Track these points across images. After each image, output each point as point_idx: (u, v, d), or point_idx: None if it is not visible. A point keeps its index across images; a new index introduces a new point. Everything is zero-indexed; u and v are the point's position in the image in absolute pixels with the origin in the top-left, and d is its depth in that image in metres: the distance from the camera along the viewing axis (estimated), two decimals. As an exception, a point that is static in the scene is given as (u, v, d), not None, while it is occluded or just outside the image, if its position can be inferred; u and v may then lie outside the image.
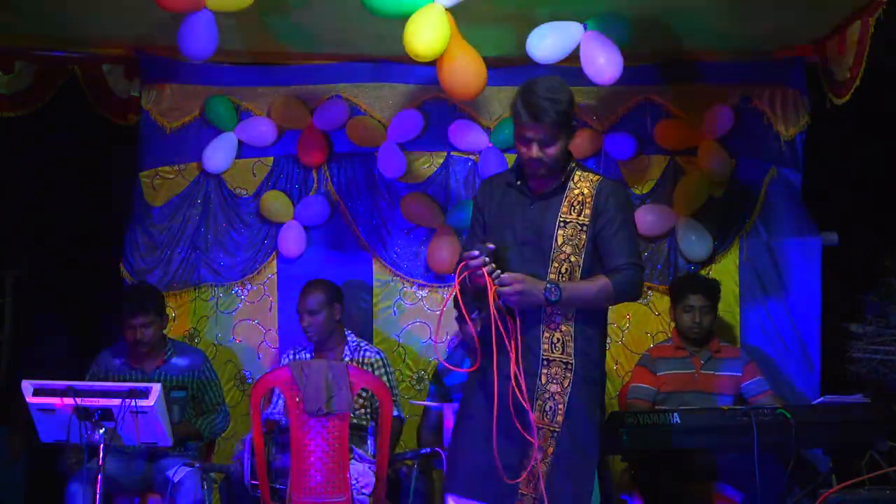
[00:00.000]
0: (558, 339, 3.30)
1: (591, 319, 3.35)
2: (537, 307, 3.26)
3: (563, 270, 3.28)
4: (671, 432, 4.01)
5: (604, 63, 4.51)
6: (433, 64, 4.88)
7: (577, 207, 3.32)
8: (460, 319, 3.75)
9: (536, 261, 3.29)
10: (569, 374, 3.29)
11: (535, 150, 3.28)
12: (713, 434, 4.06)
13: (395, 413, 4.54)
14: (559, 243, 3.29)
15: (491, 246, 3.17)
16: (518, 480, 3.25)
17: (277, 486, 4.11)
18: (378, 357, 4.77)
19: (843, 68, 4.71)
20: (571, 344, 3.30)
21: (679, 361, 4.76)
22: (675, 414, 4.06)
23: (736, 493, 4.41)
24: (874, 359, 5.25)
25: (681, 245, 5.36)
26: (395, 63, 5.35)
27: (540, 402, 3.28)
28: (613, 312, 5.40)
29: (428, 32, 4.04)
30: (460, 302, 3.22)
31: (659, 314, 5.40)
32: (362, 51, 5.30)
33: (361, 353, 4.77)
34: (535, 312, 3.28)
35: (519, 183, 3.39)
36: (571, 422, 3.29)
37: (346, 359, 4.73)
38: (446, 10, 4.08)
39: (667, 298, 5.29)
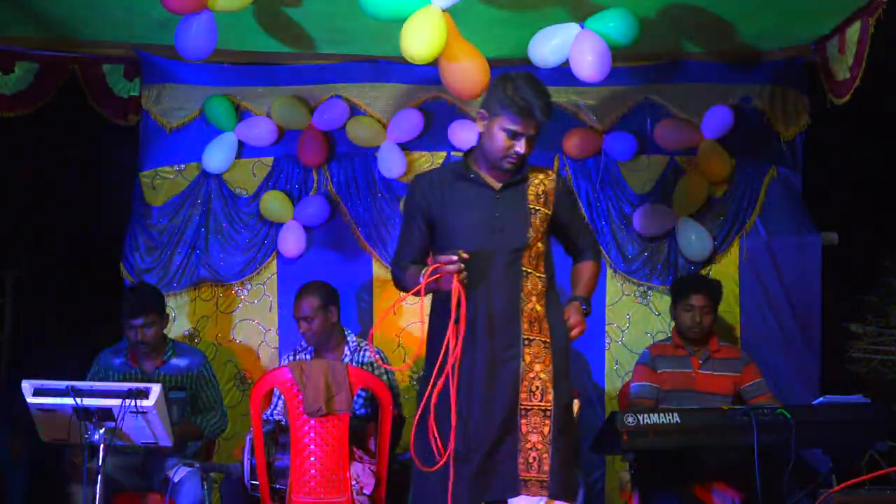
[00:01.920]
0: (535, 319, 3.39)
1: (554, 293, 3.48)
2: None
3: (533, 255, 3.40)
4: (671, 432, 4.01)
5: (591, 62, 4.49)
6: (434, 64, 4.90)
7: (542, 198, 3.45)
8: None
9: (510, 248, 3.37)
10: (548, 352, 3.39)
11: (522, 146, 3.33)
12: (713, 434, 4.06)
13: (396, 412, 4.55)
14: (531, 230, 3.39)
15: (465, 255, 3.20)
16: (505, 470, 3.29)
17: (277, 486, 4.11)
18: (378, 357, 4.77)
19: (843, 68, 4.71)
20: (546, 322, 3.40)
21: (678, 360, 4.76)
22: (675, 414, 4.06)
23: (736, 493, 4.41)
24: (874, 359, 5.26)
25: (681, 245, 5.37)
26: (395, 63, 5.35)
27: (526, 382, 3.34)
28: (613, 312, 5.41)
29: (424, 35, 4.04)
30: (422, 297, 3.27)
31: (659, 314, 5.41)
32: (362, 51, 5.30)
33: (361, 353, 4.77)
34: (514, 296, 3.36)
35: (473, 176, 3.42)
36: (559, 398, 3.37)
37: (347, 359, 4.73)
38: (443, 11, 4.08)
39: (667, 298, 5.29)
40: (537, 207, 3.43)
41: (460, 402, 3.27)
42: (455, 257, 3.19)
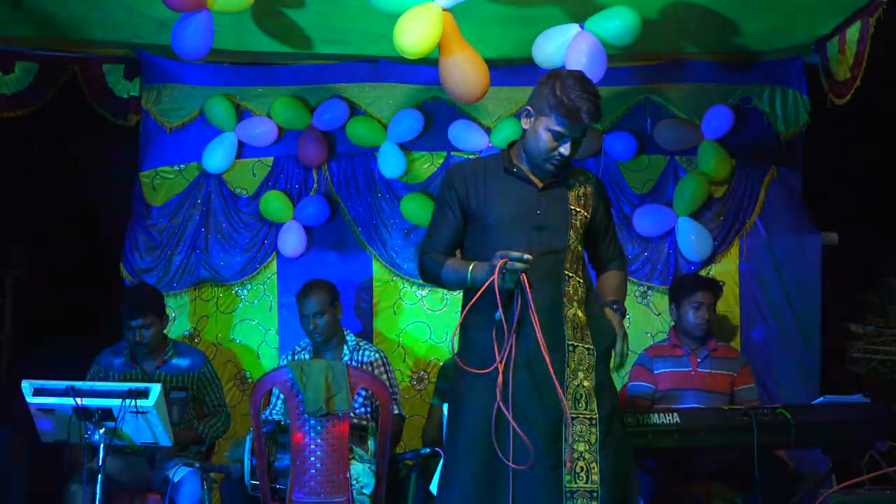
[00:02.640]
0: (578, 325, 3.31)
1: (593, 298, 3.42)
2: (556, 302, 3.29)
3: (572, 258, 3.33)
4: (671, 432, 4.01)
5: (585, 63, 4.48)
6: (434, 64, 4.89)
7: (583, 200, 3.38)
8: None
9: (550, 248, 3.28)
10: (591, 359, 3.31)
11: (567, 148, 3.25)
12: (713, 434, 4.06)
13: (396, 412, 4.55)
14: (572, 232, 3.32)
15: (528, 256, 3.10)
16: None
17: (277, 486, 4.11)
18: (378, 357, 4.77)
19: (843, 68, 4.71)
20: (588, 328, 3.33)
21: (676, 360, 4.76)
22: (675, 414, 4.06)
23: (736, 493, 4.41)
24: (874, 359, 5.26)
25: (681, 245, 5.37)
26: (395, 63, 5.35)
27: (570, 390, 3.25)
28: (613, 312, 5.41)
29: (418, 29, 4.02)
30: (498, 296, 3.11)
31: (659, 314, 5.41)
32: (362, 51, 5.30)
33: (361, 352, 4.77)
34: (556, 300, 3.27)
35: (516, 171, 3.34)
36: (603, 406, 3.28)
37: (346, 358, 4.73)
38: (444, 10, 4.08)
39: (667, 298, 5.29)
40: (578, 209, 3.35)
41: (519, 405, 3.18)
42: (526, 255, 3.09)
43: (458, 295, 3.47)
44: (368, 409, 4.63)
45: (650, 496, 4.30)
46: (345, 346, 4.79)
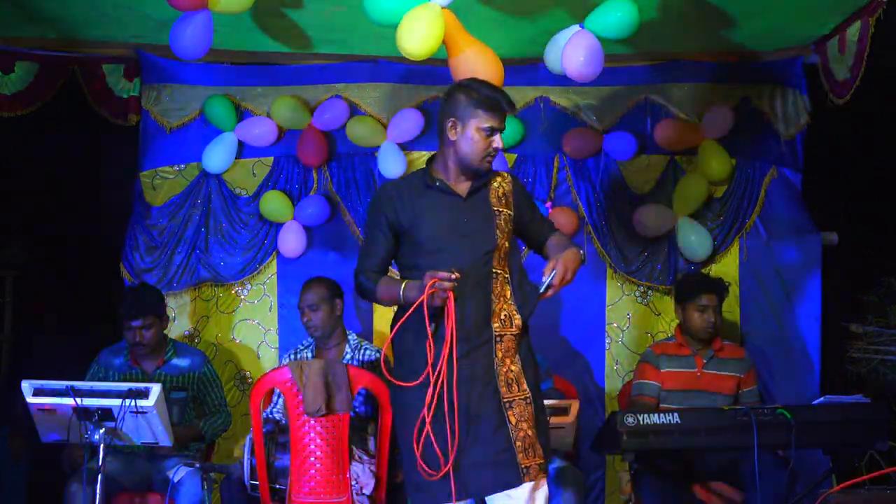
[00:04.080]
0: (506, 316, 3.47)
1: (518, 284, 3.53)
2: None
3: (501, 255, 3.48)
4: (671, 432, 4.01)
5: (582, 62, 4.48)
6: (435, 64, 4.88)
7: (503, 200, 3.54)
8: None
9: (480, 252, 3.44)
10: (516, 343, 3.48)
11: (499, 141, 3.46)
12: (713, 434, 4.06)
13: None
14: (498, 231, 3.48)
15: (455, 274, 3.25)
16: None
17: (277, 486, 4.11)
18: (378, 356, 4.77)
19: (843, 68, 4.71)
20: (517, 315, 3.48)
21: (682, 360, 4.75)
22: (675, 414, 4.06)
23: (736, 493, 4.41)
24: (874, 359, 5.25)
25: (681, 245, 5.36)
26: (395, 63, 5.35)
27: (502, 377, 3.41)
28: (613, 312, 5.41)
29: (420, 31, 4.02)
30: (426, 313, 3.32)
31: (659, 314, 5.41)
32: (362, 51, 5.30)
33: (362, 352, 4.77)
34: (486, 299, 3.42)
35: (439, 184, 3.50)
36: (530, 381, 3.46)
37: (347, 357, 4.73)
38: (442, 9, 4.07)
39: (667, 298, 5.29)
40: (500, 209, 3.51)
41: (452, 411, 3.33)
42: (453, 274, 3.24)
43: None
44: (368, 409, 4.63)
45: (651, 496, 4.30)
46: (347, 346, 4.80)
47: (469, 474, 3.34)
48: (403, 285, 3.37)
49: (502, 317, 3.45)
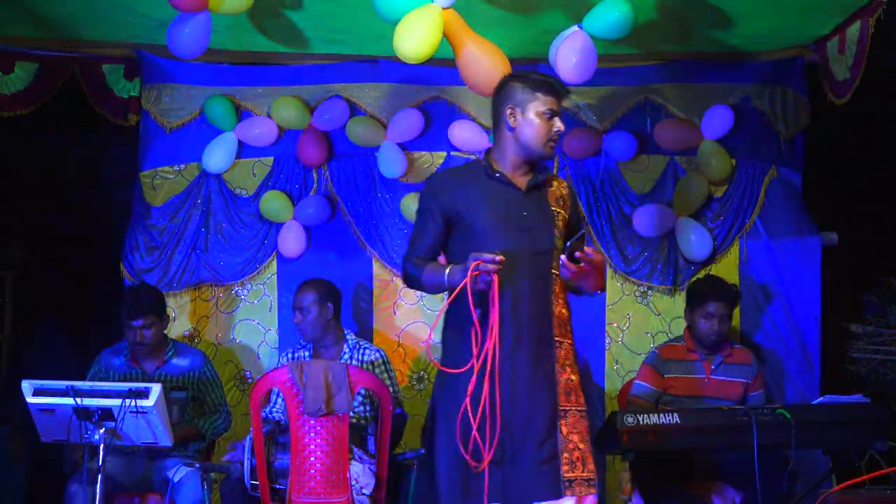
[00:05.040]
0: (562, 322, 3.40)
1: (568, 298, 3.49)
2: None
3: (556, 256, 3.39)
4: (671, 432, 4.01)
5: (576, 62, 4.47)
6: (435, 64, 4.89)
7: (561, 202, 3.50)
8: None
9: (537, 249, 3.36)
10: (574, 354, 3.42)
11: (559, 123, 3.41)
12: (713, 434, 4.06)
13: (398, 412, 4.54)
14: (557, 231, 3.42)
15: (500, 257, 3.17)
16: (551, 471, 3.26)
17: (277, 486, 4.11)
18: (378, 356, 4.77)
19: (843, 68, 4.71)
20: (569, 325, 3.44)
21: (689, 365, 4.72)
22: (675, 414, 4.05)
23: (736, 493, 4.41)
24: (874, 359, 5.25)
25: (681, 245, 5.36)
26: (395, 63, 5.34)
27: (561, 384, 3.33)
28: (613, 312, 5.41)
29: (416, 33, 4.01)
30: (469, 298, 3.20)
31: (659, 314, 5.40)
32: (362, 51, 5.30)
33: (361, 352, 4.77)
34: (545, 299, 3.35)
35: (498, 175, 3.42)
36: (584, 396, 3.40)
37: (346, 358, 4.73)
38: (443, 9, 4.07)
39: (667, 298, 5.30)
40: (558, 210, 3.46)
41: (504, 404, 3.23)
42: (498, 257, 3.16)
43: (458, 295, 3.47)
44: (368, 409, 4.63)
45: (651, 496, 4.30)
46: (345, 346, 4.80)
47: (509, 478, 3.23)
48: (448, 270, 3.29)
49: (560, 322, 3.38)
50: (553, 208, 3.44)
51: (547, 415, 3.28)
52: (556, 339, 3.36)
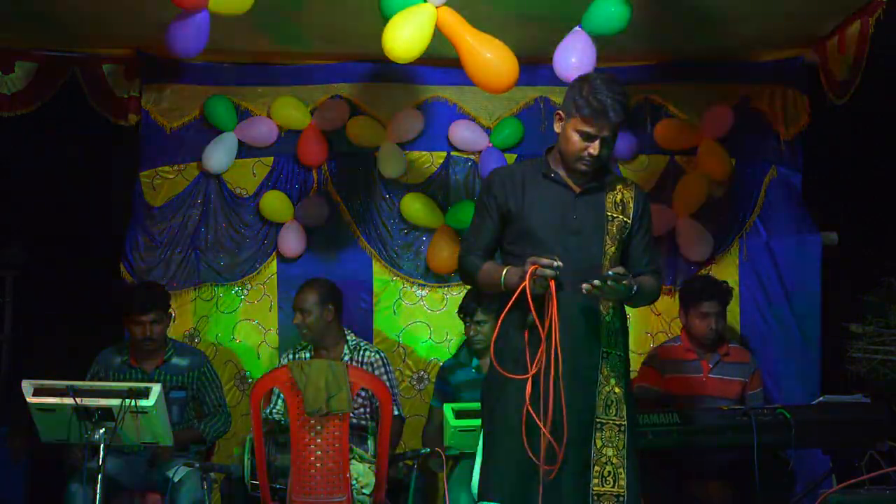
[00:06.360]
0: (613, 331, 3.33)
1: (622, 308, 3.42)
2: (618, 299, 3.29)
3: (608, 263, 3.31)
4: (671, 432, 4.01)
5: (574, 62, 4.46)
6: (435, 64, 4.90)
7: (620, 206, 3.40)
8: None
9: (587, 251, 3.31)
10: (623, 366, 3.34)
11: (595, 147, 3.29)
12: (713, 434, 4.06)
13: (396, 412, 4.54)
14: (608, 237, 3.34)
15: (558, 262, 3.13)
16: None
17: (277, 486, 4.11)
18: (378, 357, 4.77)
19: (843, 68, 4.71)
20: (621, 336, 3.36)
21: (687, 364, 4.72)
22: (675, 414, 4.05)
23: (735, 493, 4.41)
24: (874, 359, 5.25)
25: (681, 245, 5.36)
26: (394, 63, 5.32)
27: (602, 396, 3.28)
28: (613, 312, 5.41)
29: (406, 32, 3.99)
30: (530, 301, 3.15)
31: (659, 314, 5.40)
32: (362, 51, 5.30)
33: (361, 352, 4.77)
34: (593, 306, 3.28)
35: (554, 175, 3.37)
36: (631, 413, 3.33)
37: (345, 358, 4.73)
38: (436, 8, 4.05)
39: (667, 298, 5.29)
40: (615, 215, 3.37)
41: (548, 408, 3.18)
42: (555, 262, 3.12)
43: (459, 295, 3.46)
44: (368, 409, 4.63)
45: (651, 496, 4.30)
46: (345, 346, 4.79)
47: (548, 491, 3.18)
48: (505, 271, 3.25)
49: (610, 331, 3.31)
50: (608, 213, 3.35)
51: (583, 425, 3.24)
52: (604, 349, 3.30)
